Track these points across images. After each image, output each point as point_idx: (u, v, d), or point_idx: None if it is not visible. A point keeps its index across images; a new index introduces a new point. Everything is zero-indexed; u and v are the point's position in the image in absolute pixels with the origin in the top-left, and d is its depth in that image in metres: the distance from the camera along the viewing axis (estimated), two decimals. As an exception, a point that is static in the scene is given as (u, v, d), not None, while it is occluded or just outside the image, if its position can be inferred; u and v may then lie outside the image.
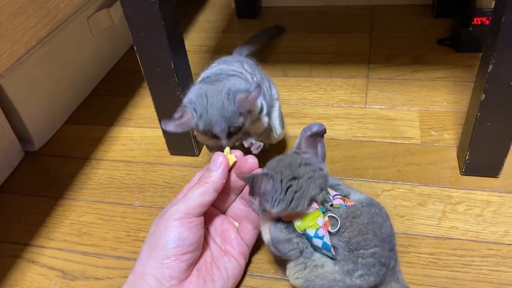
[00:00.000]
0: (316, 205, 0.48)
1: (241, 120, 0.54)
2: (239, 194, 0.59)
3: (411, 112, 0.80)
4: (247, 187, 0.58)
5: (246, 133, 0.59)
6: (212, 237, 0.57)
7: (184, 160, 0.77)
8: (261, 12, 1.17)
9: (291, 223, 0.49)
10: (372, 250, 0.47)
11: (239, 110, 0.54)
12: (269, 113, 0.64)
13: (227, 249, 0.56)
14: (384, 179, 0.68)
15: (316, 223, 0.48)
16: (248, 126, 0.57)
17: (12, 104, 0.77)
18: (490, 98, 0.58)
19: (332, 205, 0.49)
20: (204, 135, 0.57)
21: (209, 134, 0.56)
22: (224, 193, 0.57)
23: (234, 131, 0.55)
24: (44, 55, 0.83)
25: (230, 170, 0.55)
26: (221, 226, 0.58)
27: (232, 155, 0.56)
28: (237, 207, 0.60)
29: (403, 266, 0.56)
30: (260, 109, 0.60)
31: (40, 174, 0.79)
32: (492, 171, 0.66)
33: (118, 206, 0.70)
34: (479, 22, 0.88)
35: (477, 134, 0.62)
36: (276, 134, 0.67)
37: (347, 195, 0.52)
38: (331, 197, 0.49)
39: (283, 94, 0.87)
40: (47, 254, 0.64)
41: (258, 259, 0.60)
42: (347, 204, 0.50)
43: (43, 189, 0.75)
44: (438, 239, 0.59)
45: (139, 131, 0.85)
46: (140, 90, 0.95)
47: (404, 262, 0.57)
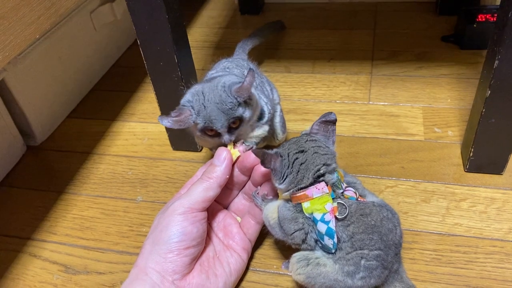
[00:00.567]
0: (327, 189, 0.48)
1: (240, 110, 0.54)
2: (242, 189, 0.59)
3: (414, 109, 0.80)
4: (249, 182, 0.57)
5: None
6: (215, 232, 0.57)
7: (187, 155, 0.77)
8: (264, 8, 1.17)
9: (299, 205, 0.50)
10: (376, 253, 0.47)
11: (238, 99, 0.53)
12: (271, 119, 0.63)
13: (230, 244, 0.56)
14: (388, 176, 0.68)
15: (324, 208, 0.48)
16: (250, 119, 0.56)
17: (14, 98, 0.77)
18: (495, 94, 0.57)
19: (343, 193, 0.50)
20: (205, 135, 0.56)
21: (209, 132, 0.55)
22: (227, 188, 0.57)
23: (235, 125, 0.55)
24: (47, 49, 0.83)
25: (233, 165, 0.55)
26: (223, 221, 0.58)
27: (235, 150, 0.56)
28: (239, 202, 0.59)
29: (407, 263, 0.56)
30: (261, 114, 0.59)
31: (42, 168, 0.79)
32: (497, 168, 0.65)
33: (121, 200, 0.70)
34: (484, 19, 0.88)
35: (481, 130, 0.62)
36: (278, 140, 0.68)
37: (362, 195, 0.52)
38: (343, 185, 0.50)
39: (286, 90, 0.87)
40: (49, 248, 0.64)
41: (260, 254, 0.60)
42: (358, 199, 0.50)
43: (45, 183, 0.75)
44: (442, 236, 0.59)
45: (142, 126, 0.85)
46: (143, 85, 0.95)
47: (408, 259, 0.57)
